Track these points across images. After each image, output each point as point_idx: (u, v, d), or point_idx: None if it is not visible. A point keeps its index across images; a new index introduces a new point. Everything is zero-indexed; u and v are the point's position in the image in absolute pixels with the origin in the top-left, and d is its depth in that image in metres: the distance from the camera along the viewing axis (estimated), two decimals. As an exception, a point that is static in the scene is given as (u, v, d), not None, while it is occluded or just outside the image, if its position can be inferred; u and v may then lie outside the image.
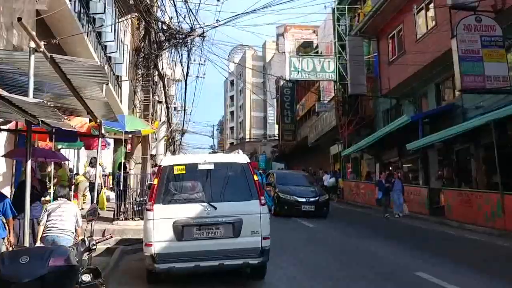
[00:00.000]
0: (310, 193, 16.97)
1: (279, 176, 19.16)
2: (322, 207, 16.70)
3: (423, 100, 21.17)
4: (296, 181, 18.43)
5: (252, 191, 6.78)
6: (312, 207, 16.33)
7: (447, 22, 16.33)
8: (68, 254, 4.08)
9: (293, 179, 18.83)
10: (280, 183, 17.69)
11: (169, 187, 6.82)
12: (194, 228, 6.52)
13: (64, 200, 7.20)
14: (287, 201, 16.51)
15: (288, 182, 17.85)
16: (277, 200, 16.88)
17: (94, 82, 5.61)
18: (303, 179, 19.33)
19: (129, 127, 11.36)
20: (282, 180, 18.31)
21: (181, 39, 12.97)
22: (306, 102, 38.17)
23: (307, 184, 18.28)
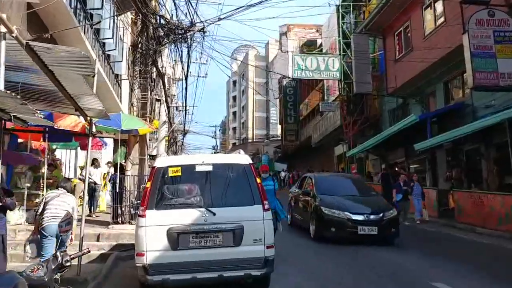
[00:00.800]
0: (369, 206, 11.66)
1: (321, 181, 13.28)
2: (388, 227, 11.19)
3: (430, 99, 20.58)
4: (347, 188, 13.04)
5: (254, 195, 6.19)
6: (374, 229, 10.96)
7: (457, 17, 15.78)
8: (15, 283, 3.39)
9: (341, 186, 13.32)
10: (322, 192, 12.30)
11: (163, 190, 6.21)
12: (191, 236, 5.93)
13: (64, 191, 7.33)
14: (335, 220, 11.10)
15: (335, 191, 12.47)
16: (318, 217, 11.56)
17: (79, 74, 5.05)
18: (356, 185, 13.63)
19: (126, 125, 10.79)
20: (326, 187, 12.74)
21: (180, 34, 12.37)
22: (310, 101, 37.60)
23: (363, 194, 12.80)
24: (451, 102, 18.80)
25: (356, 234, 10.91)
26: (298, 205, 13.84)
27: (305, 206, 12.91)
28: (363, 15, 27.27)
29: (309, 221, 12.04)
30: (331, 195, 12.03)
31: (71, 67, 4.83)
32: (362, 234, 10.93)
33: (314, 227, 11.68)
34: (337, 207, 11.31)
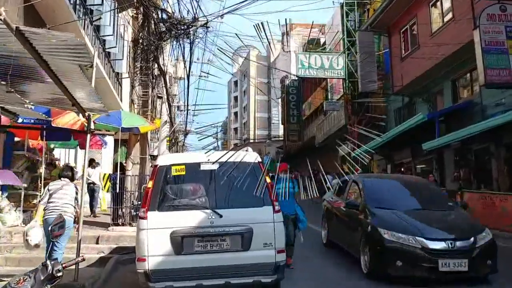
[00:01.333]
0: (451, 227, 8.00)
1: (373, 188, 9.29)
2: (482, 259, 7.47)
3: (438, 98, 20.17)
4: (411, 198, 9.03)
5: (264, 196, 5.76)
6: (463, 263, 7.20)
7: (466, 13, 15.42)
8: None
9: (403, 194, 9.28)
10: (377, 204, 8.50)
11: (166, 190, 5.80)
12: (196, 239, 5.52)
13: (67, 181, 7.29)
14: (402, 249, 7.39)
15: (395, 202, 8.59)
16: (375, 243, 7.72)
17: (75, 64, 4.64)
18: (425, 193, 9.48)
19: (126, 123, 10.39)
20: (381, 197, 8.87)
21: (182, 30, 11.97)
22: (313, 101, 37.16)
23: (436, 206, 8.81)
24: (459, 101, 18.39)
25: (436, 272, 7.12)
26: (338, 221, 10.03)
27: (350, 223, 9.10)
28: (367, 13, 26.86)
29: (358, 247, 8.11)
30: (390, 208, 8.19)
31: (66, 56, 4.44)
32: (445, 271, 7.10)
33: (367, 259, 7.79)
34: (402, 229, 7.50)
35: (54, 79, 5.07)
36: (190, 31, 12.29)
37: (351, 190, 9.98)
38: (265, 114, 69.18)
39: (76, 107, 6.12)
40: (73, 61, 4.50)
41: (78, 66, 4.75)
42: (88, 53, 4.37)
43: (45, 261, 3.72)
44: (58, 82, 5.08)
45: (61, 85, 5.20)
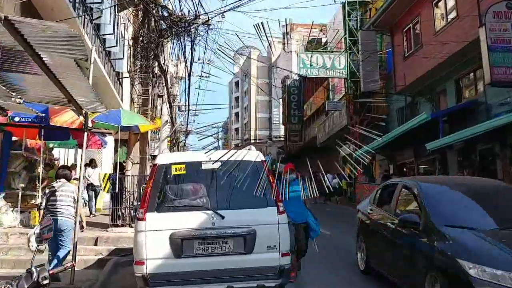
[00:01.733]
0: None
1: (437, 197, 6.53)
2: None
3: (441, 97, 19.94)
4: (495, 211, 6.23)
5: (268, 196, 5.53)
6: None
7: (471, 11, 15.19)
8: None
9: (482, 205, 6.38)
10: (447, 221, 5.80)
11: (165, 191, 5.58)
12: (197, 242, 5.29)
13: (63, 182, 7.26)
14: None
15: (474, 217, 5.98)
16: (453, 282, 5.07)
17: (70, 58, 4.42)
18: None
19: (126, 122, 10.16)
20: (451, 209, 6.23)
21: (183, 27, 11.75)
22: (314, 101, 36.95)
23: None
24: (463, 100, 18.16)
25: None
26: (383, 242, 7.30)
27: (405, 248, 6.38)
28: (369, 12, 26.66)
29: (423, 285, 5.51)
30: (469, 228, 5.59)
31: (60, 49, 4.21)
32: None
33: None
34: (497, 260, 4.90)
35: (48, 74, 4.85)
36: (191, 29, 12.06)
37: (401, 199, 7.31)
38: (266, 115, 69.09)
39: (73, 104, 5.89)
40: (68, 54, 4.28)
41: (73, 60, 4.52)
42: (84, 46, 4.14)
43: (30, 268, 3.48)
44: (52, 77, 4.86)
45: (56, 80, 4.97)
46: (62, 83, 5.19)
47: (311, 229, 7.62)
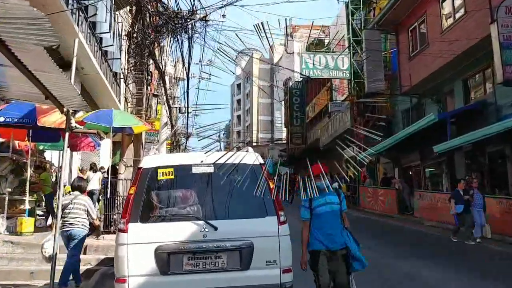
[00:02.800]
0: None
1: None
2: None
3: (448, 98, 19.37)
4: None
5: (267, 204, 4.89)
6: None
7: (479, 8, 14.60)
8: None
9: None
10: None
11: (151, 198, 4.93)
12: (186, 257, 4.63)
13: (76, 194, 7.34)
14: None
15: None
16: None
17: (38, 45, 3.83)
18: None
19: (118, 122, 9.54)
20: None
21: (180, 23, 11.16)
22: (317, 102, 36.32)
23: None
24: (471, 101, 17.56)
25: None
26: None
27: None
28: (373, 12, 26.10)
29: None
30: None
31: (23, 33, 3.61)
32: None
33: None
34: None
35: (18, 65, 4.25)
36: (188, 25, 11.48)
37: None
38: (268, 117, 68.76)
39: (51, 101, 5.30)
40: (34, 41, 3.68)
41: (42, 48, 3.93)
42: (52, 30, 3.55)
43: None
44: (22, 69, 4.26)
45: (28, 72, 4.38)
46: (36, 76, 4.58)
47: (354, 258, 5.18)
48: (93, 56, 14.83)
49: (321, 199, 5.14)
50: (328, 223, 5.12)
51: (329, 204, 5.19)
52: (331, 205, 5.20)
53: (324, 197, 5.17)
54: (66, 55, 13.32)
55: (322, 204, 5.17)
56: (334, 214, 5.20)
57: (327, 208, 5.17)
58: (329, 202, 5.20)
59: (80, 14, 13.85)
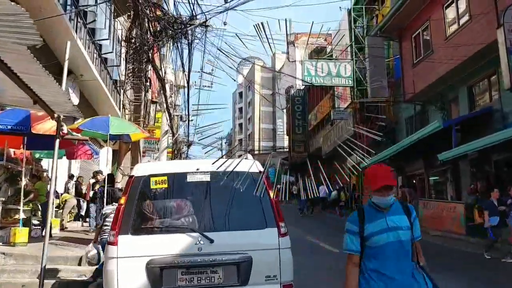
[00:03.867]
0: None
1: None
2: None
3: (452, 105, 19.07)
4: None
5: (266, 215, 4.57)
6: None
7: (485, 13, 14.37)
8: None
9: None
10: None
11: (143, 208, 4.62)
12: (179, 271, 4.30)
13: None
14: None
15: None
16: None
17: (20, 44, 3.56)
18: None
19: (115, 130, 9.28)
20: None
21: (179, 29, 10.93)
22: (319, 110, 36.11)
23: None
24: (476, 108, 17.27)
25: None
26: None
27: None
28: (376, 19, 25.92)
29: None
30: None
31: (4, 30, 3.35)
32: None
33: None
34: None
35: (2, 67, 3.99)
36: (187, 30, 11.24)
37: None
38: (270, 125, 68.71)
39: (40, 106, 5.03)
40: (15, 38, 3.42)
41: (26, 48, 3.66)
42: (34, 28, 3.28)
43: None
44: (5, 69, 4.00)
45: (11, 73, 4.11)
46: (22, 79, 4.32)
47: None
48: (92, 63, 14.64)
49: (380, 222, 3.25)
50: (392, 261, 3.20)
51: (393, 230, 3.22)
52: (397, 231, 3.22)
53: (384, 219, 3.26)
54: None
55: (383, 231, 3.23)
56: (402, 246, 3.22)
57: (390, 237, 3.21)
58: (393, 227, 3.23)
59: (79, 20, 13.68)
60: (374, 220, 3.26)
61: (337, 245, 12.42)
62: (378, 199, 3.27)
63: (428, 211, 17.83)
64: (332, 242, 13.08)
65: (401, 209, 3.36)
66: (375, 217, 3.27)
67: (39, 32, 3.42)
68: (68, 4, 12.98)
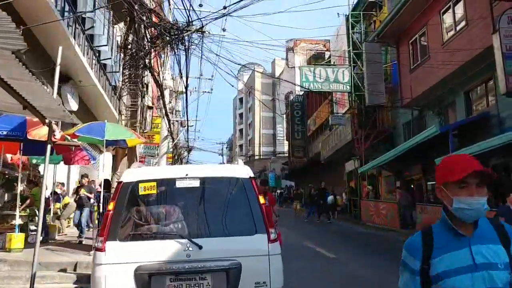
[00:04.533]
0: None
1: None
2: None
3: (449, 110, 19.09)
4: None
5: (256, 221, 4.52)
6: None
7: (481, 19, 14.42)
8: None
9: None
10: None
11: (131, 214, 4.59)
12: (168, 278, 4.27)
13: None
14: None
15: None
16: None
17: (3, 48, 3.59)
18: None
19: (110, 135, 9.30)
20: None
21: (175, 35, 10.98)
22: (318, 115, 36.18)
23: None
24: (473, 113, 17.29)
25: None
26: None
27: None
28: (373, 25, 25.98)
29: None
30: None
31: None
32: None
33: None
34: None
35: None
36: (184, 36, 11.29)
37: None
38: (270, 131, 68.91)
39: (30, 111, 5.05)
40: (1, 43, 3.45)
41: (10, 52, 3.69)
42: (17, 32, 3.31)
43: None
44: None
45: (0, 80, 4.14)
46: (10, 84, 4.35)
47: None
48: (91, 69, 14.69)
49: (461, 254, 2.01)
50: None
51: (483, 268, 1.96)
52: (489, 271, 1.96)
53: (467, 248, 2.02)
54: (65, 70, 13.21)
55: (464, 269, 1.98)
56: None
57: (477, 281, 1.95)
58: (483, 263, 1.97)
59: (77, 26, 13.74)
60: (449, 250, 2.02)
61: (333, 250, 12.47)
62: (461, 201, 2.00)
63: (426, 216, 17.82)
64: (330, 247, 13.09)
65: (494, 232, 2.06)
66: (451, 244, 2.03)
67: (22, 36, 3.44)
68: (66, 11, 13.08)
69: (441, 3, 17.68)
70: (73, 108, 14.15)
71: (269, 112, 63.19)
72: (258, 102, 59.22)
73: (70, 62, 12.90)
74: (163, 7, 11.98)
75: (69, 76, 14.17)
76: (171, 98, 29.57)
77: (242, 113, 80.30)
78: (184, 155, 44.16)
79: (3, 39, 3.38)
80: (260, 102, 57.09)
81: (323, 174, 35.00)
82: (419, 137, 17.24)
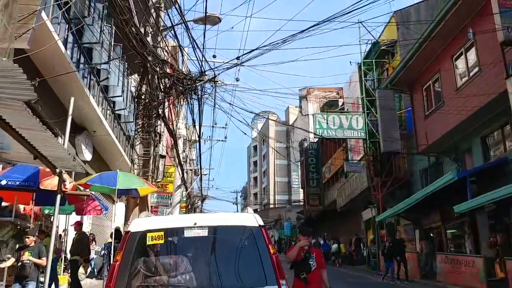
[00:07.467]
0: None
1: None
2: None
3: (466, 156, 18.80)
4: None
5: (266, 272, 4.35)
6: None
7: (494, 64, 14.40)
8: None
9: None
10: None
11: (138, 265, 4.46)
12: None
13: None
14: None
15: None
16: None
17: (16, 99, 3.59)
18: None
19: (122, 184, 9.25)
20: None
21: (188, 85, 11.10)
22: (333, 163, 35.97)
23: None
24: (491, 158, 17.00)
25: None
26: None
27: None
28: (386, 72, 26.17)
29: None
30: None
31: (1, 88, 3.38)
32: None
33: None
34: None
35: (0, 123, 4.01)
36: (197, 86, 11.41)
37: None
38: (285, 179, 68.56)
39: (41, 160, 5.03)
40: (9, 94, 3.44)
41: (22, 103, 3.69)
42: (29, 83, 3.31)
43: None
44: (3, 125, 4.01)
45: (11, 130, 4.12)
46: (21, 134, 4.33)
47: None
48: (105, 119, 14.87)
49: None
50: None
51: None
52: None
53: None
54: (79, 120, 13.39)
55: None
56: None
57: None
58: None
59: (92, 78, 14.01)
60: None
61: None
62: None
63: (447, 265, 17.24)
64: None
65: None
66: None
67: (33, 87, 3.44)
68: (81, 62, 13.37)
69: (453, 49, 17.77)
70: (87, 158, 14.22)
71: (284, 160, 63.20)
72: (272, 150, 59.37)
73: (84, 113, 13.06)
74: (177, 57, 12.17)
75: (83, 126, 14.34)
76: (185, 147, 29.72)
77: (256, 161, 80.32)
78: (197, 204, 44.01)
79: (15, 90, 3.38)
80: (274, 150, 57.20)
81: (340, 223, 34.44)
82: (436, 184, 16.93)
